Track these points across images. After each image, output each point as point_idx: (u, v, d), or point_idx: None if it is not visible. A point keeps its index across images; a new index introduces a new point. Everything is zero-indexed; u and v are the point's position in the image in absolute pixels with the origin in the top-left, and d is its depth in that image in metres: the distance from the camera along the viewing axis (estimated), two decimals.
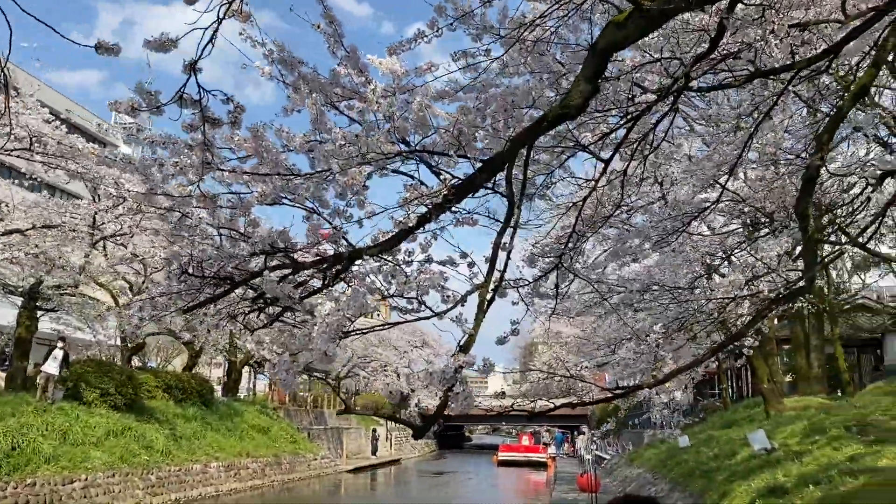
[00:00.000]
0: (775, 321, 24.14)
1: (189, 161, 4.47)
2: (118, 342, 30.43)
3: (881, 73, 14.19)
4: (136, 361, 34.41)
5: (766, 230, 12.36)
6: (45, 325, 24.25)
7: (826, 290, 18.57)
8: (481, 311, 4.16)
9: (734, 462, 13.66)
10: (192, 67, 3.38)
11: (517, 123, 4.60)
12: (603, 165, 6.34)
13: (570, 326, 42.10)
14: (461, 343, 4.12)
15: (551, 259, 6.93)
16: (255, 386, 42.99)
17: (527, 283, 6.98)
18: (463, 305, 4.32)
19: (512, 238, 4.91)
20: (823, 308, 19.98)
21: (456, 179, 4.47)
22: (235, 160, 4.91)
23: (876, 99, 13.70)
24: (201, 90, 3.41)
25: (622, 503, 1.44)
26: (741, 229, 13.68)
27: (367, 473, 37.75)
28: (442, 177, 4.53)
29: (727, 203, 10.98)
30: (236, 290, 5.33)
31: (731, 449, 15.44)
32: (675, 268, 10.50)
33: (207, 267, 5.44)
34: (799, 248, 8.37)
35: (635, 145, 6.64)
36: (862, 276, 23.79)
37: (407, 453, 53.00)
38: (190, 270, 5.38)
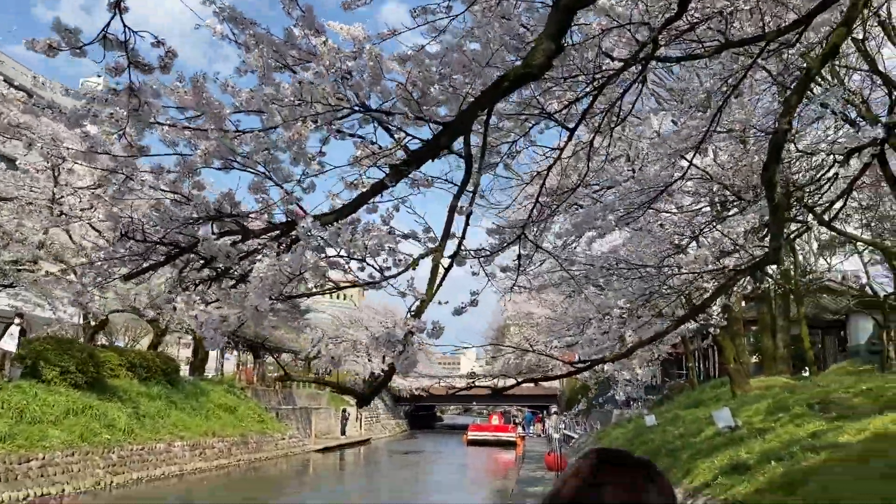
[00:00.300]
0: (742, 303, 24.38)
1: (125, 113, 4.20)
2: (80, 320, 29.87)
3: (850, 53, 14.17)
4: (103, 341, 33.83)
5: (735, 209, 12.33)
6: (2, 301, 23.64)
7: (792, 270, 18.69)
8: (434, 276, 3.96)
9: (699, 440, 13.71)
10: (117, 6, 3.10)
11: (477, 81, 4.38)
12: (568, 134, 6.16)
13: (541, 307, 42.23)
14: (412, 308, 3.93)
15: (514, 230, 6.75)
16: (222, 366, 42.51)
17: (487, 253, 6.82)
18: (414, 269, 4.12)
19: (471, 203, 4.72)
20: (789, 289, 20.14)
21: (410, 138, 4.24)
22: (183, 120, 4.65)
23: (845, 81, 13.71)
24: (127, 30, 3.14)
25: (595, 459, 1.40)
26: (708, 208, 13.65)
27: (335, 453, 37.61)
28: (396, 136, 4.30)
29: (695, 181, 10.90)
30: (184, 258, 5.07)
31: (696, 427, 15.52)
32: (643, 247, 10.41)
33: (153, 232, 5.18)
34: (766, 224, 8.28)
35: (602, 116, 6.48)
36: (827, 259, 24.04)
37: (377, 433, 52.96)
38: (132, 235, 5.10)
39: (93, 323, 29.25)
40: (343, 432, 45.24)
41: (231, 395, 31.96)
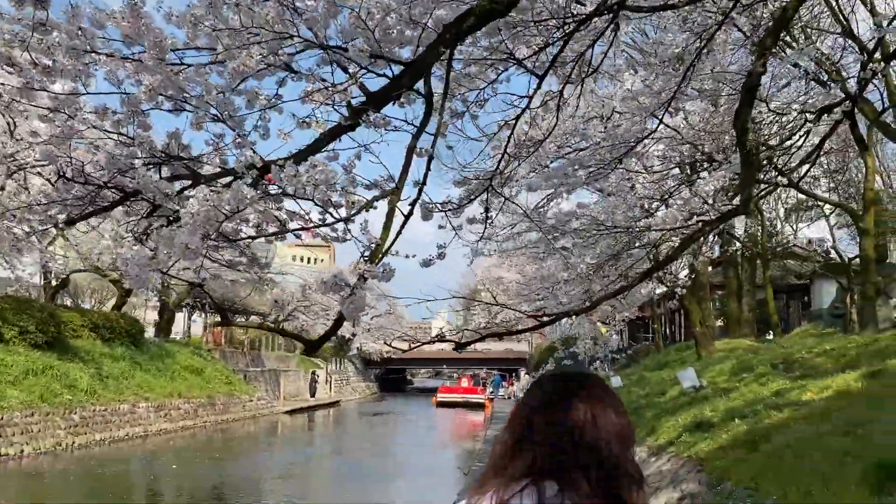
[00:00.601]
0: (709, 268, 24.58)
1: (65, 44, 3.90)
2: (41, 280, 29.21)
3: (823, 15, 14.01)
4: (68, 303, 33.18)
5: (705, 171, 12.25)
6: None
7: (759, 233, 18.79)
8: (390, 220, 3.75)
9: (664, 400, 13.81)
10: None
11: (440, 10, 4.13)
12: (538, 82, 5.94)
13: (511, 272, 42.25)
14: (365, 252, 3.72)
15: (480, 181, 6.55)
16: (189, 328, 42.07)
17: (454, 206, 6.62)
18: (368, 211, 3.90)
19: (433, 145, 4.49)
20: (756, 252, 20.28)
21: (365, 72, 3.99)
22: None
23: (817, 44, 13.63)
24: None
25: (550, 377, 1.52)
26: (677, 170, 13.58)
27: (305, 415, 37.57)
28: (352, 70, 4.04)
29: (665, 143, 10.76)
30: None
31: (661, 388, 15.65)
32: (613, 208, 10.30)
33: (98, 177, 4.89)
34: (737, 174, 8.15)
35: (573, 65, 6.26)
36: (793, 224, 24.24)
37: (347, 396, 53.08)
38: (72, 177, 4.81)
39: (54, 283, 28.65)
40: (312, 394, 45.24)
41: (198, 357, 31.63)
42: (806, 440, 6.13)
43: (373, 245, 3.70)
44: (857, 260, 17.43)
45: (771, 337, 21.74)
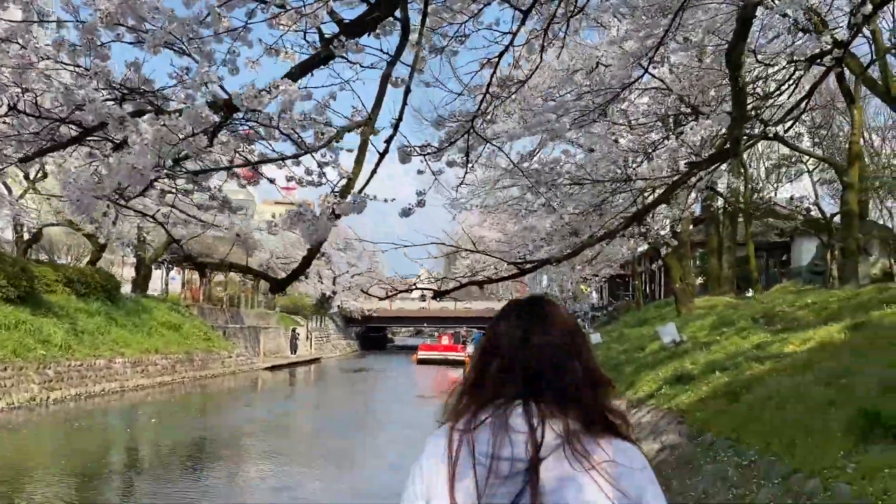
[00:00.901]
0: (690, 226, 24.56)
1: None
2: (13, 235, 28.62)
3: None
4: (43, 259, 32.57)
5: (690, 123, 12.05)
6: None
7: (742, 188, 18.71)
8: (362, 153, 3.51)
9: (643, 355, 13.80)
10: None
11: None
12: (522, 16, 5.66)
13: (492, 230, 42.15)
14: (336, 187, 3.49)
15: (461, 122, 6.31)
16: (167, 284, 41.64)
17: (433, 149, 6.38)
18: (338, 142, 3.66)
19: (410, 77, 4.23)
20: (739, 208, 20.21)
21: None
22: None
23: None
24: None
25: (511, 303, 1.63)
26: (661, 124, 13.38)
27: (285, 371, 37.55)
28: None
29: (650, 95, 10.52)
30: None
31: (641, 344, 15.66)
32: (596, 161, 10.08)
33: (55, 111, 4.61)
34: (728, 114, 7.94)
35: (558, 2, 5.97)
36: (775, 184, 24.17)
37: (328, 353, 53.11)
38: (24, 109, 4.52)
39: (26, 237, 28.09)
40: (293, 351, 45.18)
41: (175, 313, 31.33)
42: (788, 391, 6.06)
43: (345, 179, 3.47)
44: (839, 217, 17.43)
45: (751, 294, 21.83)
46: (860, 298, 9.09)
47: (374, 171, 4.54)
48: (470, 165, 6.83)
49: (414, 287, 5.83)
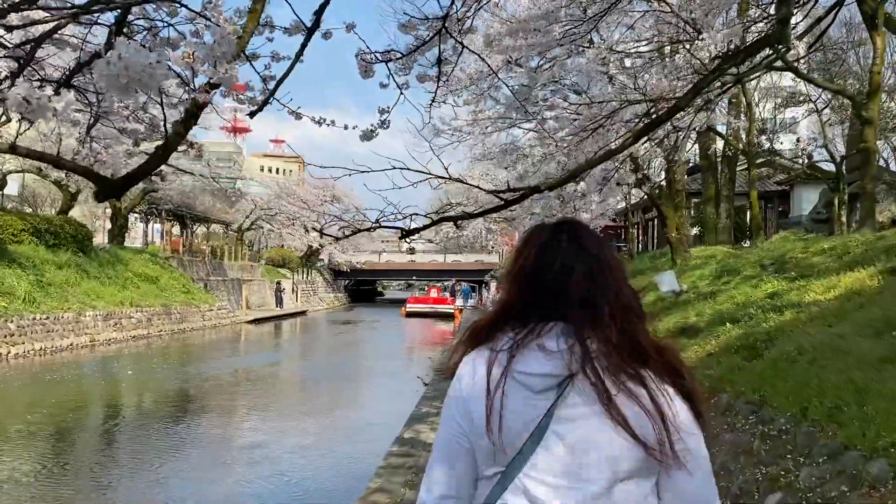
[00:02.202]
0: (685, 175, 23.49)
1: None
2: None
3: None
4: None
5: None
6: None
7: (746, 130, 17.55)
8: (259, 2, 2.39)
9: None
10: None
11: None
12: None
13: (481, 181, 40.99)
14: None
15: (432, 22, 5.17)
16: (146, 235, 40.43)
17: (399, 55, 5.26)
18: None
19: None
20: (741, 150, 19.06)
21: None
22: None
23: None
24: None
25: (539, 226, 1.56)
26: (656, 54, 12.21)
27: (268, 324, 36.62)
28: None
29: (650, 19, 9.31)
30: None
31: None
32: (590, 82, 8.94)
33: None
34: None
35: None
36: (774, 137, 22.85)
37: (314, 306, 52.21)
38: None
39: None
40: (278, 305, 44.23)
41: (153, 265, 30.22)
42: (823, 345, 5.06)
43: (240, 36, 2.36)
44: (844, 162, 16.38)
45: (747, 245, 20.87)
46: (888, 241, 8.08)
47: (295, 60, 3.45)
48: (444, 79, 5.72)
49: (376, 226, 4.78)
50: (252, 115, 3.21)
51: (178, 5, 2.83)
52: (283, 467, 9.11)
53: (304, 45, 3.17)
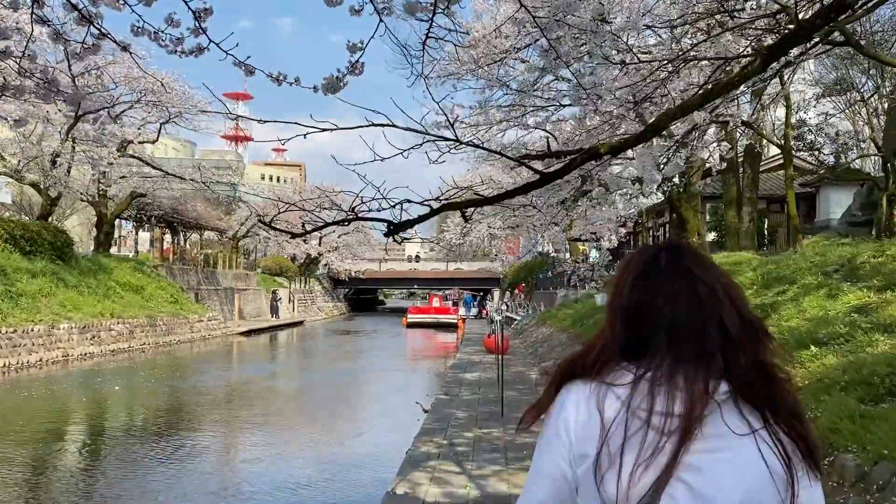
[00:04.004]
0: (701, 180, 21.98)
1: None
2: None
3: None
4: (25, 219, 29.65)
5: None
6: None
7: (786, 121, 15.86)
8: None
9: None
10: None
11: None
12: None
13: (484, 184, 39.42)
14: None
15: None
16: (136, 243, 38.89)
17: None
18: None
19: None
20: (778, 145, 17.29)
21: None
22: None
23: None
24: None
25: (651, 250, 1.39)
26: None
27: (262, 336, 34.94)
28: None
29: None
30: None
31: None
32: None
33: None
34: None
35: None
36: (817, 131, 21.05)
37: (313, 316, 50.56)
38: None
39: None
40: (274, 315, 42.58)
41: (140, 274, 28.61)
42: None
43: None
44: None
45: (767, 250, 19.20)
46: None
47: None
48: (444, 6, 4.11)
49: (353, 217, 3.17)
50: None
51: None
52: None
53: None
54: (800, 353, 5.79)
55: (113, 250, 44.38)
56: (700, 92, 2.86)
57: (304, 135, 3.21)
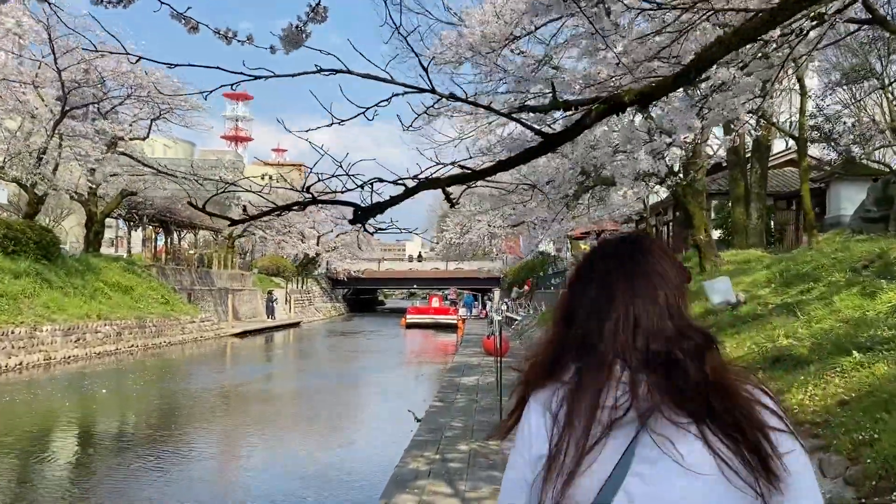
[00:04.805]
0: (705, 175, 21.28)
1: None
2: None
3: None
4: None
5: None
6: None
7: (801, 109, 15.09)
8: None
9: None
10: None
11: None
12: None
13: (483, 183, 38.66)
14: None
15: None
16: (128, 242, 38.12)
17: None
18: None
19: None
20: (793, 136, 16.42)
21: None
22: None
23: None
24: None
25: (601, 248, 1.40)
26: None
27: (257, 337, 34.15)
28: None
29: None
30: None
31: None
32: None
33: None
34: None
35: None
36: (835, 120, 20.18)
37: (310, 316, 49.76)
38: None
39: None
40: (270, 315, 41.79)
41: (130, 274, 27.85)
42: None
43: None
44: None
45: (804, 246, 18.42)
46: None
47: None
48: None
49: (309, 201, 2.28)
50: None
51: None
52: None
53: None
54: (839, 361, 5.04)
55: (111, 251, 43.77)
56: (760, 15, 2.15)
57: (232, 85, 2.46)
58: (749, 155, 21.91)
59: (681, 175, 18.20)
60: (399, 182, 3.09)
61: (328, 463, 9.94)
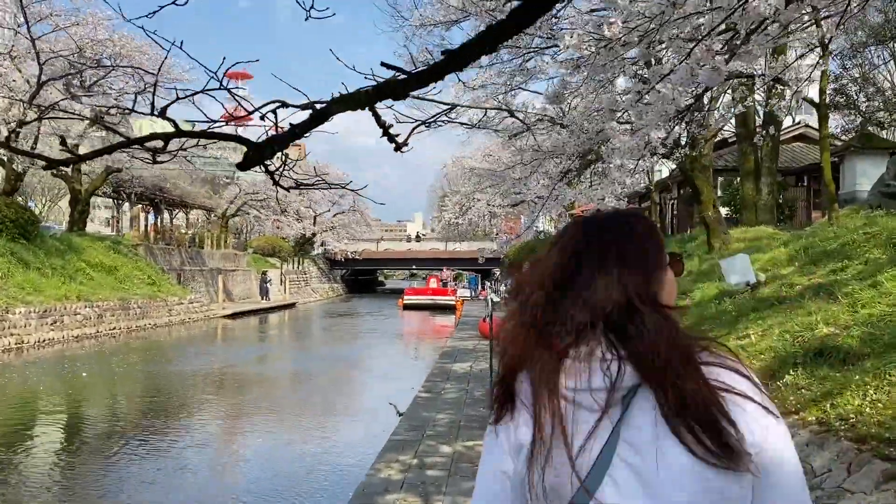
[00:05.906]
0: (712, 150, 20.23)
1: None
2: None
3: None
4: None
5: None
6: None
7: (823, 72, 13.98)
8: None
9: (694, 306, 9.37)
10: None
11: None
12: None
13: (483, 161, 37.45)
14: None
15: None
16: (118, 222, 37.12)
17: None
18: None
19: None
20: (815, 104, 15.23)
21: None
22: None
23: None
24: None
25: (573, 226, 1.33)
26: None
27: (249, 319, 33.19)
28: None
29: None
30: None
31: (682, 288, 11.21)
32: None
33: None
34: None
35: None
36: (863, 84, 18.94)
37: (306, 298, 48.77)
38: None
39: None
40: (264, 296, 40.84)
41: (115, 254, 26.89)
42: None
43: None
44: None
45: (825, 221, 17.42)
46: None
47: None
48: None
49: (175, 131, 1.05)
50: None
51: None
52: None
53: None
54: None
55: (106, 230, 42.77)
56: None
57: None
58: (760, 128, 20.81)
59: (688, 149, 17.13)
60: (310, 105, 2.06)
61: (305, 459, 8.98)
